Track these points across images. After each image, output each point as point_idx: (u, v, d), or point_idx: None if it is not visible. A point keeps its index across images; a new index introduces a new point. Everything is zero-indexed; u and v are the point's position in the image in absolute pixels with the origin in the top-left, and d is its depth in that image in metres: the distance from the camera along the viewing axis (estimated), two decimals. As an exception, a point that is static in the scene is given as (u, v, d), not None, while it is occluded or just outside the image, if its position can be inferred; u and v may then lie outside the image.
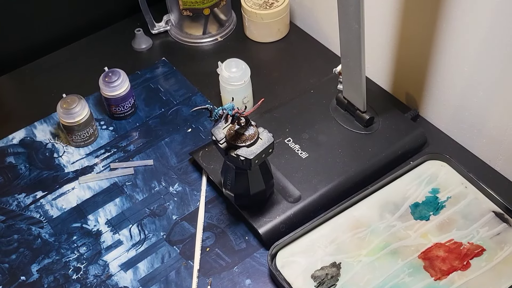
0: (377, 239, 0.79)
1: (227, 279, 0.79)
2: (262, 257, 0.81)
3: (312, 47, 1.11)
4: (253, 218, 0.82)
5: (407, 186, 0.84)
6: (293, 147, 0.89)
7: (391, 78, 1.00)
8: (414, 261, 0.77)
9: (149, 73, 1.07)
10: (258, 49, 1.11)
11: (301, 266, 0.77)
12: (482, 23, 0.79)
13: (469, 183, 0.84)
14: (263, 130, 0.76)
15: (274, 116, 0.94)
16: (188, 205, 0.87)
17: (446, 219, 0.80)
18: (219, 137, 0.75)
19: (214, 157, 0.88)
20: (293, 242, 0.79)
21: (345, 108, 0.93)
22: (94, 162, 0.94)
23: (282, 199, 0.83)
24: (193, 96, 1.03)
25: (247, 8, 1.08)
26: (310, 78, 1.04)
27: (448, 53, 0.86)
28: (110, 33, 1.16)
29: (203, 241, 0.83)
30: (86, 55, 1.12)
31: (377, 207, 0.82)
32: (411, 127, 0.91)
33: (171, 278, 0.80)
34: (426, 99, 0.95)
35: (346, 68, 0.86)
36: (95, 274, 0.81)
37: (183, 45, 1.13)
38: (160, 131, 0.98)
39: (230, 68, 0.93)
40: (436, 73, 0.90)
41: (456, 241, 0.78)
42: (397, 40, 0.94)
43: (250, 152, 0.73)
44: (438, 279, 0.75)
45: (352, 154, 0.88)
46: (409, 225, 0.80)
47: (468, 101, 0.88)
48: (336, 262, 0.77)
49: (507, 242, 0.77)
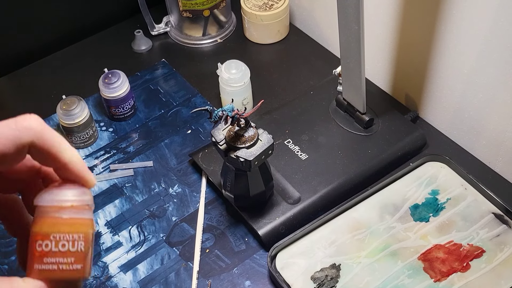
0: (377, 240, 0.79)
1: (226, 280, 0.79)
2: (261, 258, 0.81)
3: (312, 48, 1.11)
4: (253, 220, 0.82)
5: (407, 187, 0.84)
6: (293, 148, 0.89)
7: (391, 80, 1.00)
8: (413, 263, 0.77)
9: (149, 75, 1.07)
10: (257, 50, 1.11)
11: (300, 268, 0.77)
12: (482, 25, 0.79)
13: (468, 185, 0.84)
14: (263, 132, 0.76)
15: (273, 117, 0.94)
16: (187, 207, 0.87)
17: (445, 220, 0.80)
18: (218, 139, 0.75)
19: (214, 158, 0.88)
20: (293, 244, 0.79)
21: (344, 110, 0.93)
22: (93, 164, 0.94)
23: (281, 201, 0.83)
24: (192, 98, 1.03)
25: (247, 9, 1.08)
26: (310, 80, 1.04)
27: (448, 55, 0.86)
28: (109, 35, 1.16)
29: (203, 243, 0.83)
30: (85, 57, 1.12)
31: (377, 209, 0.82)
32: (410, 129, 0.91)
33: (171, 280, 0.80)
34: (425, 101, 0.95)
35: (346, 69, 0.86)
36: (94, 275, 0.81)
37: (183, 46, 1.13)
38: (160, 132, 0.98)
39: (229, 69, 0.93)
40: (436, 75, 0.90)
41: (455, 242, 0.78)
42: (397, 41, 0.94)
43: (250, 154, 0.73)
44: (437, 280, 0.75)
45: (351, 156, 0.88)
46: (409, 226, 0.80)
47: (468, 102, 0.88)
48: (336, 264, 0.77)
49: (506, 243, 0.77)
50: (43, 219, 0.40)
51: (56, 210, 0.41)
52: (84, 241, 0.41)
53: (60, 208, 0.41)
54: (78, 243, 0.41)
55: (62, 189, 0.41)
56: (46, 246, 0.40)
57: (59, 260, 0.40)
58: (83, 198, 0.42)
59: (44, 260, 0.40)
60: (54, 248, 0.40)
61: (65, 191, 0.41)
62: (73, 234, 0.41)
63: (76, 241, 0.41)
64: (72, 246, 0.40)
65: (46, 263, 0.40)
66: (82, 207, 0.42)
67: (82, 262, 0.41)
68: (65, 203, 0.41)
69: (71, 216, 0.41)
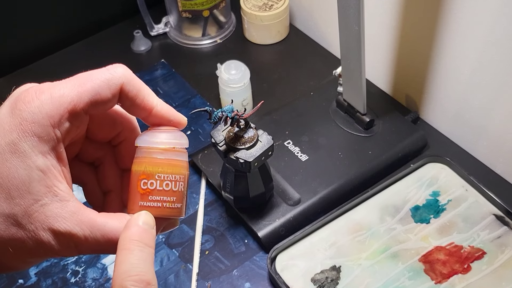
0: (377, 242, 0.79)
1: (226, 282, 0.79)
2: (261, 260, 0.81)
3: (312, 49, 1.10)
4: (253, 221, 0.81)
5: (408, 189, 0.84)
6: (293, 149, 0.89)
7: (392, 81, 1.00)
8: (414, 265, 0.76)
9: (148, 75, 1.07)
10: (257, 51, 1.11)
11: (300, 270, 0.77)
12: (483, 25, 0.78)
13: (469, 186, 0.83)
14: (263, 133, 0.75)
15: (273, 118, 0.94)
16: (187, 208, 0.87)
17: (446, 222, 0.80)
18: (218, 140, 0.75)
19: (213, 159, 0.88)
20: (293, 245, 0.79)
21: (345, 111, 0.93)
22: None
23: (281, 202, 0.83)
24: (192, 98, 1.02)
25: (247, 10, 1.08)
26: (310, 80, 1.04)
27: (448, 56, 0.86)
28: (109, 35, 1.16)
29: (202, 244, 0.83)
30: (85, 57, 1.12)
31: (377, 210, 0.82)
32: (411, 130, 0.91)
33: (170, 281, 0.79)
34: (426, 102, 0.95)
35: (346, 70, 0.86)
36: (93, 277, 0.80)
37: (182, 47, 1.13)
38: (159, 133, 0.97)
39: (229, 70, 0.93)
40: (436, 76, 0.90)
41: (456, 244, 0.78)
42: (397, 42, 0.94)
43: (250, 155, 0.73)
44: (438, 282, 0.74)
45: (352, 157, 0.88)
46: (410, 228, 0.80)
47: (469, 103, 0.87)
48: (336, 266, 0.77)
49: (508, 245, 0.77)
50: (147, 159, 0.43)
51: (160, 152, 0.43)
52: (184, 182, 0.44)
53: (164, 150, 0.43)
54: (179, 184, 0.43)
55: (163, 132, 0.44)
56: (151, 185, 0.42)
57: (163, 198, 0.43)
58: (182, 141, 0.44)
59: (149, 197, 0.42)
60: (159, 187, 0.42)
61: (165, 134, 0.44)
62: (175, 175, 0.43)
63: (177, 181, 0.43)
64: (175, 186, 0.43)
65: (151, 200, 0.42)
66: (181, 150, 0.44)
67: (182, 201, 0.44)
68: (168, 145, 0.43)
69: (173, 157, 0.43)
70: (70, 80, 0.42)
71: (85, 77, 0.42)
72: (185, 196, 0.44)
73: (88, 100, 0.41)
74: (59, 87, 0.41)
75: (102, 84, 0.42)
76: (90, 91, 0.41)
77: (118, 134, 0.47)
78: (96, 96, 0.41)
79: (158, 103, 0.44)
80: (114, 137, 0.48)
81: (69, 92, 0.41)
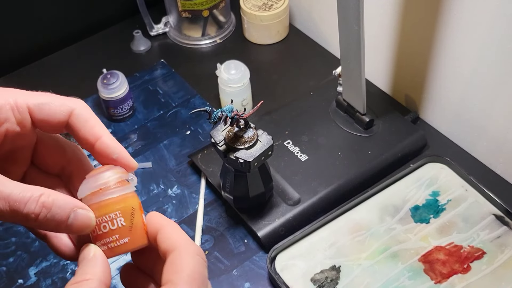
0: (377, 242, 0.79)
1: (226, 282, 0.79)
2: (261, 260, 0.81)
3: (312, 49, 1.10)
4: (252, 221, 0.81)
5: (407, 188, 0.84)
6: (293, 149, 0.89)
7: (391, 80, 1.00)
8: (414, 264, 0.76)
9: (148, 75, 1.07)
10: (257, 51, 1.11)
11: (300, 270, 0.77)
12: (482, 25, 0.78)
13: (469, 186, 0.83)
14: (262, 133, 0.75)
15: (273, 118, 0.94)
16: (186, 208, 0.87)
17: (446, 222, 0.80)
18: (218, 140, 0.75)
19: (213, 159, 0.88)
20: (293, 245, 0.79)
21: (344, 111, 0.92)
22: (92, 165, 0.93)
23: (281, 202, 0.83)
24: (192, 98, 1.02)
25: (246, 10, 1.08)
26: (310, 80, 1.04)
27: (448, 56, 0.86)
28: (108, 35, 1.16)
29: (202, 244, 0.83)
30: (84, 57, 1.12)
31: (377, 210, 0.82)
32: (411, 130, 0.91)
33: (170, 282, 0.79)
34: (426, 102, 0.95)
35: (346, 70, 0.86)
36: (93, 277, 0.80)
37: (182, 47, 1.13)
38: (159, 133, 0.97)
39: (229, 70, 0.92)
40: (436, 76, 0.90)
41: (456, 244, 0.78)
42: (397, 42, 0.94)
43: (249, 155, 0.73)
44: (438, 282, 0.74)
45: (351, 157, 0.88)
46: (409, 228, 0.80)
47: (469, 103, 0.87)
48: (336, 266, 0.77)
49: (507, 245, 0.77)
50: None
51: (90, 198, 0.43)
52: (124, 215, 0.43)
53: (93, 194, 0.43)
54: (117, 220, 0.43)
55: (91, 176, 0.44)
56: (93, 232, 0.43)
57: (106, 240, 0.43)
58: (111, 178, 0.44)
59: (97, 243, 0.44)
60: (98, 231, 0.43)
61: (93, 177, 0.44)
62: (108, 214, 0.43)
63: (114, 219, 0.43)
64: (112, 225, 0.43)
65: (100, 244, 0.44)
66: (114, 187, 0.44)
67: (128, 234, 0.44)
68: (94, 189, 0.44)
69: (102, 198, 0.43)
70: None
71: (44, 93, 0.45)
72: (134, 226, 0.44)
73: (36, 103, 0.44)
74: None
75: (56, 99, 0.45)
76: (44, 97, 0.44)
77: (67, 164, 0.48)
78: (46, 105, 0.44)
79: (105, 136, 0.45)
80: (64, 167, 0.49)
81: (23, 93, 0.44)
